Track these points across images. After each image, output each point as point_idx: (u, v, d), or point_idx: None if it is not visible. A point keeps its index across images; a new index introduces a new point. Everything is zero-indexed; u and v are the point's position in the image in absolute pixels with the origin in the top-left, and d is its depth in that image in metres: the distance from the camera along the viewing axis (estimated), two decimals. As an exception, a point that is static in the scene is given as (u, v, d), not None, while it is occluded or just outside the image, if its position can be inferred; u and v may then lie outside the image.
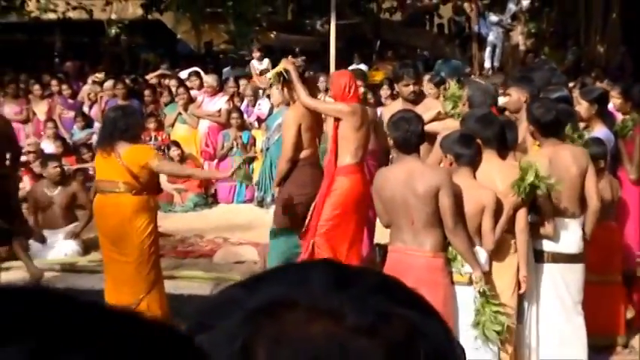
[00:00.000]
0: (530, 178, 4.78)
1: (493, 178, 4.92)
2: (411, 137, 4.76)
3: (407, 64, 7.13)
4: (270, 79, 6.93)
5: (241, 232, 9.11)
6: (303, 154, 6.62)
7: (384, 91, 10.72)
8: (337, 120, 6.49)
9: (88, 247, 8.62)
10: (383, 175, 5.13)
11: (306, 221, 6.53)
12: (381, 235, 6.92)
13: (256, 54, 14.81)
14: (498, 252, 4.92)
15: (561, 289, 5.24)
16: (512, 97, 6.13)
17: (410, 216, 4.74)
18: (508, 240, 4.93)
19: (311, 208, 6.52)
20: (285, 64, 6.75)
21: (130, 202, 6.04)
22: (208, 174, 6.08)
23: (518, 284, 4.95)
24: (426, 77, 10.85)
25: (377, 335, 0.63)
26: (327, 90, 11.63)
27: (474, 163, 4.93)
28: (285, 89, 6.71)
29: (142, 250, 6.04)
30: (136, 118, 6.28)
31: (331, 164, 6.52)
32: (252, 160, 11.38)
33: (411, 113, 4.94)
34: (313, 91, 6.67)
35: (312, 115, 6.63)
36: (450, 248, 4.80)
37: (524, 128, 5.50)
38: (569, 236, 5.22)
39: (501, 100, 6.37)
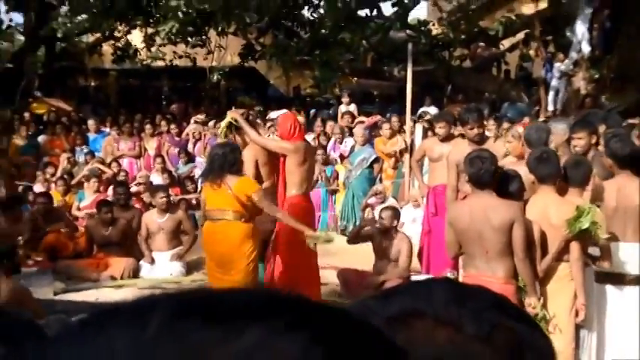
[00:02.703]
0: (585, 224, 4.72)
1: (547, 213, 4.87)
2: (484, 175, 4.74)
3: (471, 109, 7.12)
4: (221, 131, 7.14)
5: (324, 257, 9.10)
6: (263, 185, 6.76)
7: (457, 131, 10.69)
8: (284, 156, 6.74)
9: (191, 268, 8.79)
10: (457, 208, 5.12)
11: (269, 247, 6.77)
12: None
13: (345, 99, 15.02)
14: (549, 279, 4.89)
15: None
16: (584, 140, 6.06)
17: (484, 246, 4.72)
18: (555, 267, 4.88)
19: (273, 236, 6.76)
20: (232, 114, 7.03)
21: (240, 230, 6.12)
22: (293, 223, 6.19)
23: (576, 311, 4.87)
24: (491, 121, 10.81)
25: (492, 343, 0.68)
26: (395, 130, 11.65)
27: (519, 198, 4.92)
28: (237, 135, 6.95)
29: (247, 273, 6.10)
30: (240, 153, 6.42)
31: (281, 195, 6.76)
32: (334, 192, 11.47)
33: (487, 153, 4.93)
34: (258, 131, 6.98)
35: (268, 152, 6.84)
36: (520, 278, 4.77)
37: None
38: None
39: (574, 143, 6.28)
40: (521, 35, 18.33)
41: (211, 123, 13.47)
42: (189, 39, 17.46)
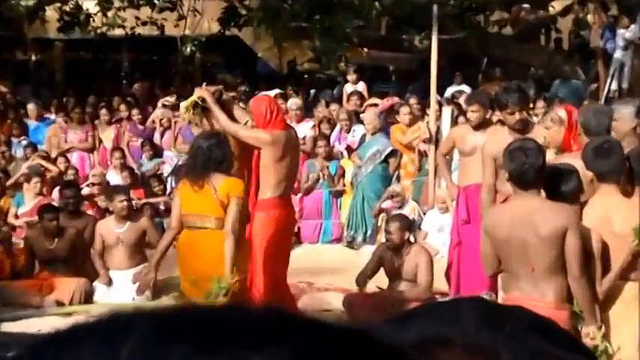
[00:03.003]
0: None
1: (610, 217, 4.90)
2: (529, 171, 4.75)
3: (510, 89, 7.08)
4: (184, 111, 7.13)
5: (328, 276, 9.14)
6: None
7: (495, 116, 10.72)
8: (258, 149, 6.78)
9: (159, 290, 8.76)
10: (495, 214, 5.13)
11: None
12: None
13: (352, 76, 14.97)
14: (613, 302, 4.91)
15: None
16: None
17: (529, 261, 4.74)
18: (620, 287, 4.91)
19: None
20: (200, 92, 7.04)
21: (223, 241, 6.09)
22: (228, 267, 6.15)
23: None
24: (539, 103, 10.79)
25: None
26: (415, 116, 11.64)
27: (575, 201, 4.92)
28: (205, 119, 6.97)
29: (232, 295, 6.09)
30: (230, 147, 6.42)
31: (252, 196, 6.80)
32: (340, 194, 11.47)
33: (532, 143, 4.93)
34: (233, 116, 6.98)
35: (241, 143, 6.84)
36: (575, 301, 4.77)
37: None
38: None
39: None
40: (575, -6, 18.35)
41: (184, 107, 13.48)
42: (155, 1, 17.47)
